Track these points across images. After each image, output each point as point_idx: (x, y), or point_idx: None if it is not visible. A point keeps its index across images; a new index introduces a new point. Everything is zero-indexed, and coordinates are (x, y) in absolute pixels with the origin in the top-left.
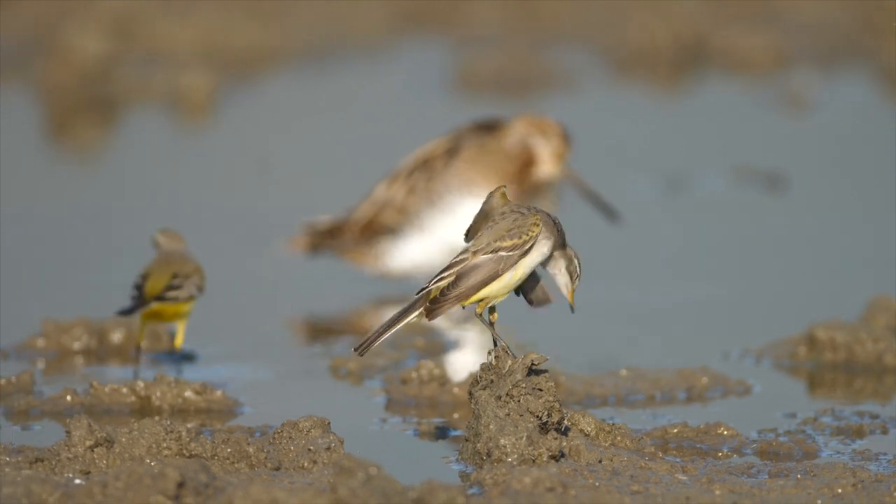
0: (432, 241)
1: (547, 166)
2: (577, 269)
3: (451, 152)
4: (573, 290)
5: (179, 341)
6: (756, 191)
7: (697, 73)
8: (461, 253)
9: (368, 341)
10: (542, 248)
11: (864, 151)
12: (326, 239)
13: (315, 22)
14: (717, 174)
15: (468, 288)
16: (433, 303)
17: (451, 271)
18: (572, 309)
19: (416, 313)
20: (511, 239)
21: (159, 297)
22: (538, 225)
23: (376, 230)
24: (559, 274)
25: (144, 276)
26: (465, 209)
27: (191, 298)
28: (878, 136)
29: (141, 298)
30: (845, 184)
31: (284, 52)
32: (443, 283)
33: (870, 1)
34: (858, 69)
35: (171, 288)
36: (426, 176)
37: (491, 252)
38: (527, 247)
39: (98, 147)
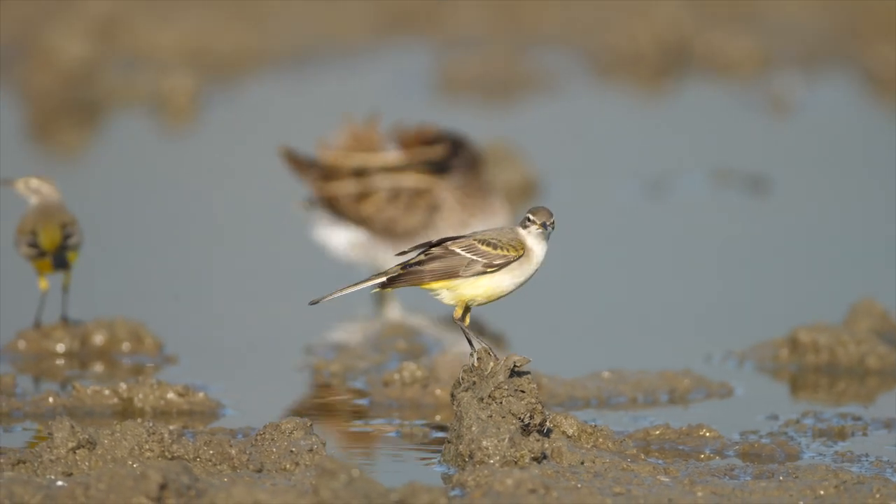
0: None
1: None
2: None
3: (433, 208)
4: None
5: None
6: (739, 193)
7: (680, 76)
8: (446, 239)
9: (326, 296)
10: (513, 277)
11: (847, 154)
12: (312, 174)
13: (298, 25)
14: (699, 176)
15: (425, 273)
16: (393, 279)
17: (425, 253)
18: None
19: (378, 282)
20: (488, 245)
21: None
22: (518, 250)
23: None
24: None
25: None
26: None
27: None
28: (860, 139)
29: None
30: (828, 186)
31: (267, 55)
32: (410, 260)
33: (851, 4)
34: (840, 72)
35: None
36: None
37: (465, 247)
38: (497, 262)
39: (81, 149)
